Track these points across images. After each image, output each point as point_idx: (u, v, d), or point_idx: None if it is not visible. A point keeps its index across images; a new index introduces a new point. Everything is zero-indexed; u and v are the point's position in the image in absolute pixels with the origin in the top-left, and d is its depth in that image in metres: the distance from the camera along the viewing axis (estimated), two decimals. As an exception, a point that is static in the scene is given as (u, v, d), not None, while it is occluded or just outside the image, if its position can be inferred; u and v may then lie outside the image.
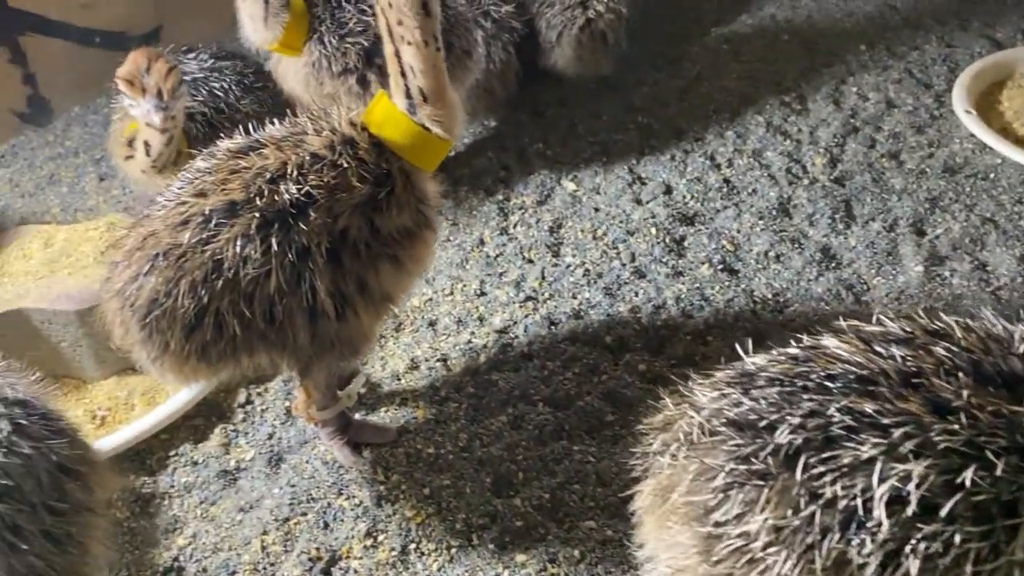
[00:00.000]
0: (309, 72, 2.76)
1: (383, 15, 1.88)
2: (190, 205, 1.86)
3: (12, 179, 3.38)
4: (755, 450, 1.36)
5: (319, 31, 2.73)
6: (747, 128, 3.44)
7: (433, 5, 1.85)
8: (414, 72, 1.90)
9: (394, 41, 1.89)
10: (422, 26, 1.85)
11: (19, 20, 3.43)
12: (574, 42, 3.50)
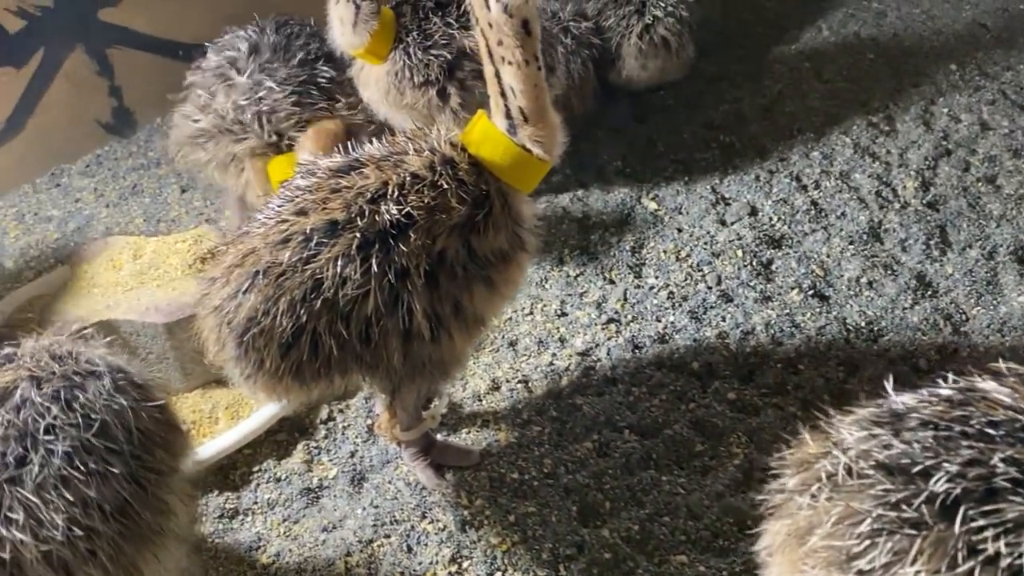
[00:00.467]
0: (391, 81, 2.74)
1: (482, 36, 1.85)
2: (291, 223, 1.85)
3: (97, 189, 3.43)
4: (907, 497, 1.28)
5: (405, 41, 2.72)
6: (833, 149, 3.35)
7: (534, 25, 1.82)
8: (514, 92, 1.86)
9: (494, 62, 1.86)
10: (523, 45, 1.82)
11: (108, 33, 3.49)
12: (634, 50, 3.44)
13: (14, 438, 1.53)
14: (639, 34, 3.42)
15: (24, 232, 3.25)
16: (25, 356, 1.68)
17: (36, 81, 3.35)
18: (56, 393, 1.59)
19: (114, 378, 1.67)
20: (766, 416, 2.43)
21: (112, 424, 1.60)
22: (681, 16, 3.44)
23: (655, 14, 3.40)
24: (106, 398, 1.62)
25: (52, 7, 3.30)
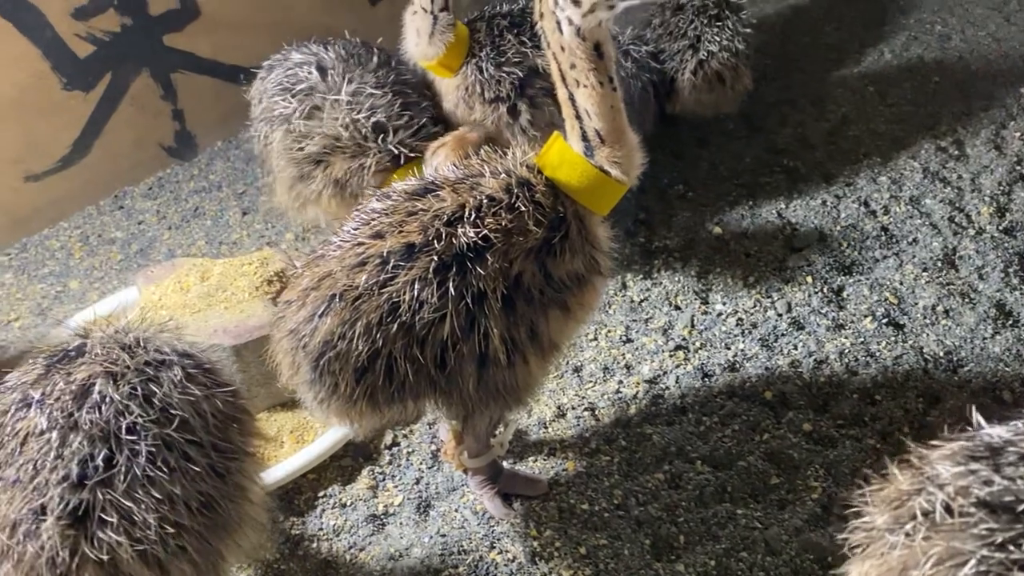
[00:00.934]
0: (460, 95, 2.73)
1: (555, 60, 1.83)
2: (367, 247, 1.83)
3: (159, 211, 3.46)
4: (1015, 537, 1.21)
5: (477, 56, 2.71)
6: (902, 174, 3.27)
7: (606, 47, 1.79)
8: (589, 115, 1.83)
9: (567, 85, 1.83)
10: (596, 68, 1.79)
11: (173, 57, 3.54)
12: (688, 84, 3.39)
13: (99, 439, 1.53)
14: (693, 69, 3.35)
15: (88, 253, 3.28)
16: (96, 348, 1.68)
17: (103, 105, 3.40)
18: (133, 390, 1.60)
19: (183, 366, 1.69)
20: (844, 448, 2.35)
21: (190, 416, 1.62)
22: (736, 49, 3.36)
23: (710, 49, 3.33)
24: (180, 390, 1.64)
25: (120, 32, 3.35)
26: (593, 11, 1.71)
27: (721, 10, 3.36)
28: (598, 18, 1.72)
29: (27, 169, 3.29)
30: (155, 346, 1.72)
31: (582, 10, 1.71)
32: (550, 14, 1.76)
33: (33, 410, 1.58)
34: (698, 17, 3.35)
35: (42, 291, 3.13)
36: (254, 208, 3.43)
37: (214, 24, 3.60)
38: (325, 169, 2.60)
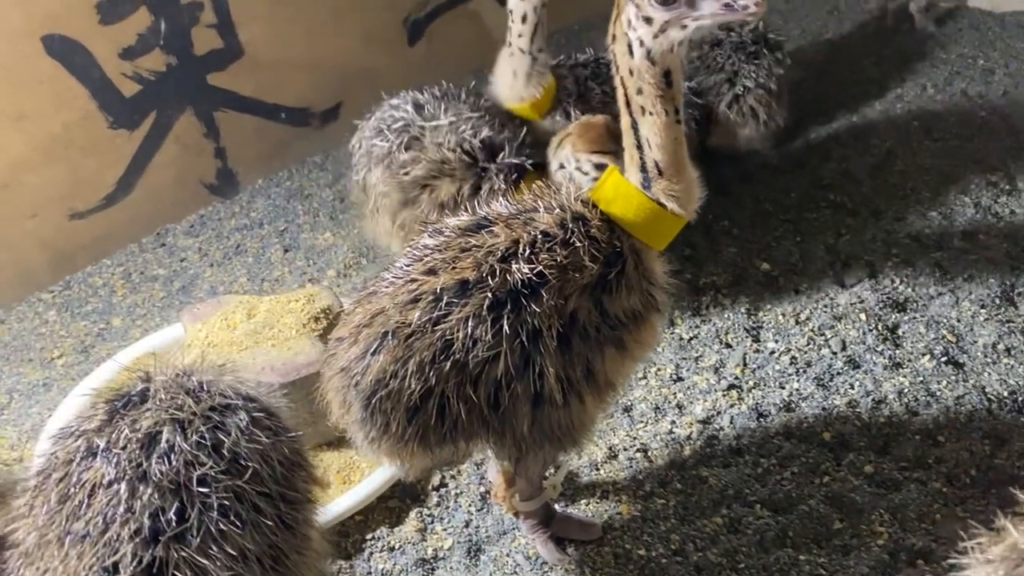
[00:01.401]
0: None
1: (622, 85, 1.80)
2: (420, 283, 1.79)
3: (201, 248, 3.46)
4: None
5: (564, 103, 2.73)
6: (952, 209, 3.21)
7: (676, 76, 1.76)
8: (651, 145, 1.80)
9: (632, 112, 1.81)
10: (663, 95, 1.76)
11: (216, 96, 3.57)
12: (723, 118, 3.40)
13: (169, 491, 1.47)
14: (728, 103, 3.37)
15: (131, 291, 3.28)
16: (160, 393, 1.63)
17: (147, 143, 3.43)
18: (201, 438, 1.54)
19: (248, 410, 1.64)
20: (908, 492, 2.26)
21: (259, 466, 1.57)
22: (771, 88, 3.37)
23: (745, 84, 3.35)
24: (248, 437, 1.59)
25: (165, 71, 3.38)
26: (664, 31, 1.68)
27: (759, 47, 3.38)
28: (670, 39, 1.69)
29: (72, 207, 3.31)
30: (219, 390, 1.67)
31: (653, 29, 1.68)
32: (622, 36, 1.74)
33: (99, 459, 1.52)
34: (736, 53, 3.37)
35: (85, 328, 3.13)
36: (295, 245, 3.43)
37: (256, 64, 3.63)
38: (431, 193, 2.56)
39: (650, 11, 1.67)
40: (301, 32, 3.73)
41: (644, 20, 1.69)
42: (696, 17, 1.66)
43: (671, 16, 1.66)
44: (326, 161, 3.95)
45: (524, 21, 2.58)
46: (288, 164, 3.90)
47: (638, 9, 1.69)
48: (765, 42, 3.42)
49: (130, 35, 3.23)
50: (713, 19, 1.66)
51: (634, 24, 1.70)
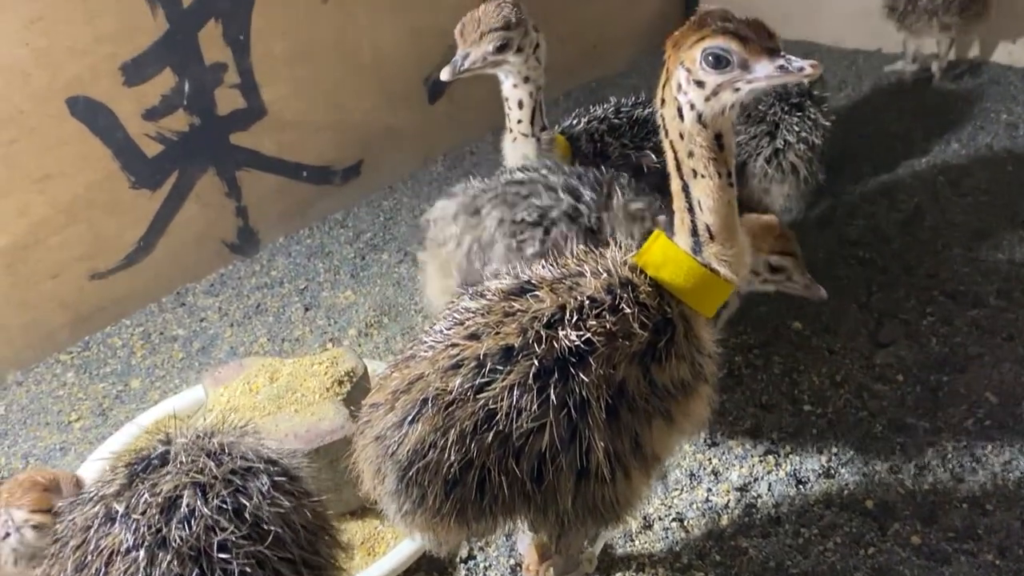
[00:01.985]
0: None
1: (671, 148, 1.76)
2: (462, 348, 1.72)
3: (221, 308, 3.42)
4: None
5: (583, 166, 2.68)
6: (987, 265, 3.15)
7: (728, 139, 1.72)
8: (702, 207, 1.75)
9: (683, 175, 1.76)
10: (716, 158, 1.71)
11: (238, 155, 3.56)
12: (760, 172, 3.25)
13: (189, 558, 1.43)
14: (767, 157, 3.23)
15: (150, 352, 3.23)
16: (180, 456, 1.60)
17: (169, 203, 3.41)
18: (223, 503, 1.51)
19: (270, 473, 1.61)
20: (959, 564, 2.16)
21: (281, 530, 1.54)
22: (814, 143, 3.22)
23: (787, 138, 3.19)
24: (270, 501, 1.56)
25: (188, 131, 3.38)
26: (717, 94, 1.64)
27: (803, 99, 3.24)
28: (722, 103, 1.65)
29: (93, 267, 3.28)
30: (240, 452, 1.63)
31: (705, 92, 1.65)
32: (672, 100, 1.70)
33: (118, 525, 1.48)
34: (779, 103, 3.22)
35: (103, 390, 3.07)
36: (316, 304, 3.38)
37: (279, 123, 3.64)
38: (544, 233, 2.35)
39: (702, 75, 1.64)
40: (323, 92, 3.74)
41: (696, 83, 1.65)
42: (750, 80, 1.62)
43: (724, 80, 1.63)
44: (347, 218, 3.93)
45: (521, 107, 2.55)
46: (309, 222, 3.89)
47: (689, 73, 1.65)
48: (810, 96, 3.28)
49: (154, 96, 3.24)
50: (768, 81, 1.62)
51: (685, 88, 1.67)
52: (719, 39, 1.61)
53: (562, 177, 2.36)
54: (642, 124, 2.76)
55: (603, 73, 4.94)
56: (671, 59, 1.70)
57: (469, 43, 2.42)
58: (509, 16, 2.41)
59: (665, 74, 1.72)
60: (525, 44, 2.46)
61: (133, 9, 3.10)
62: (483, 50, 2.42)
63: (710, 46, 1.62)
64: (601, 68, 4.95)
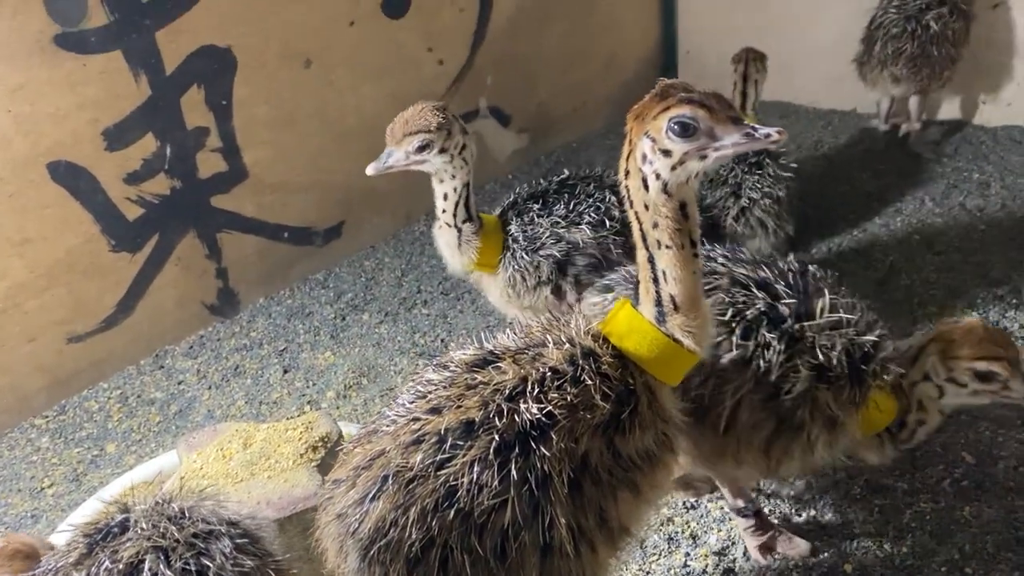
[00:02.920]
0: (507, 287, 2.76)
1: (636, 219, 1.77)
2: (423, 423, 1.72)
3: (200, 370, 3.41)
4: None
5: (512, 248, 2.74)
6: (961, 324, 3.16)
7: (691, 208, 1.72)
8: (667, 278, 1.76)
9: (648, 246, 1.77)
10: (680, 228, 1.72)
11: (219, 217, 3.59)
12: (731, 232, 3.42)
13: None
14: (735, 216, 3.41)
15: (127, 415, 3.22)
16: (141, 522, 1.60)
17: (149, 265, 3.43)
18: (186, 565, 1.51)
19: (232, 535, 1.62)
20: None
21: None
22: (778, 196, 3.40)
23: (751, 196, 3.39)
24: (232, 562, 1.56)
25: (169, 195, 3.41)
26: (683, 162, 1.65)
27: (761, 157, 3.42)
28: (688, 171, 1.66)
29: (71, 330, 3.28)
30: (201, 516, 1.64)
31: (672, 161, 1.65)
32: (636, 171, 1.71)
33: None
34: (738, 165, 3.40)
35: (78, 455, 3.05)
36: (295, 366, 3.38)
37: (261, 185, 3.68)
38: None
39: (668, 144, 1.65)
40: (306, 154, 3.79)
41: (662, 153, 1.66)
42: (717, 147, 1.64)
43: (691, 147, 1.64)
44: (328, 279, 3.95)
45: (446, 199, 2.66)
46: (290, 283, 3.90)
47: (655, 143, 1.66)
48: (767, 153, 3.45)
49: (136, 160, 3.28)
50: (735, 148, 1.64)
51: (650, 158, 1.68)
52: (685, 108, 1.63)
53: (751, 269, 2.19)
54: (584, 197, 2.79)
55: (583, 133, 5.03)
56: (634, 131, 1.71)
57: (394, 142, 2.53)
58: (431, 120, 2.50)
59: (628, 146, 1.73)
60: (449, 146, 2.55)
61: (116, 76, 3.15)
62: (404, 150, 2.52)
63: (676, 115, 1.63)
64: (582, 129, 5.04)
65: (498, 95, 4.60)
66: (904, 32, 4.08)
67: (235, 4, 3.40)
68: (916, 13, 4.08)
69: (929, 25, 4.05)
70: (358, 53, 3.88)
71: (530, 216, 2.79)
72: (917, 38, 4.07)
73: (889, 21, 4.12)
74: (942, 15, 4.05)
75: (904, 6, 4.10)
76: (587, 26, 4.96)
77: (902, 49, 4.10)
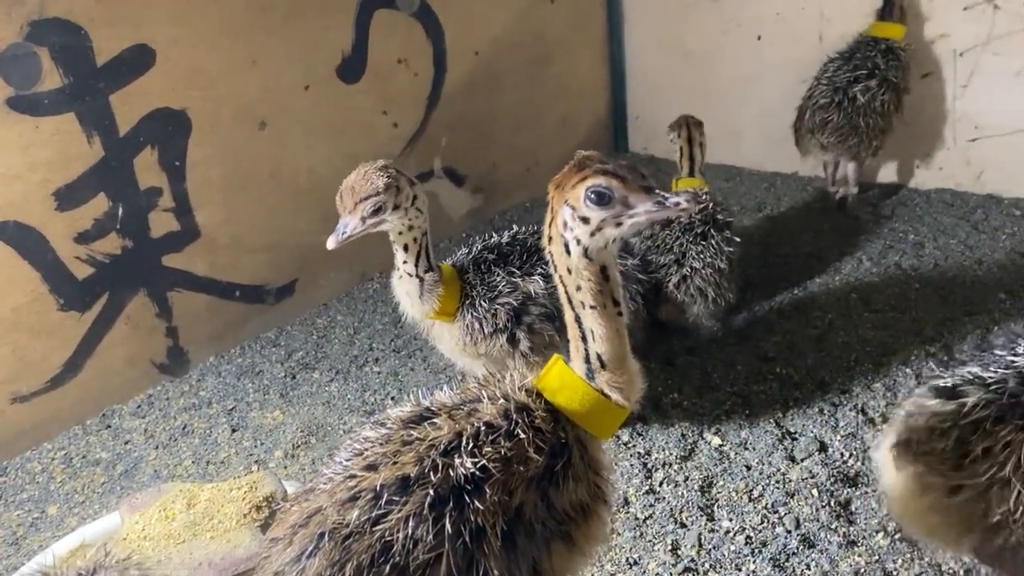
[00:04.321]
0: (464, 335, 2.81)
1: (561, 282, 1.85)
2: (359, 479, 1.75)
3: (147, 430, 3.39)
4: None
5: (471, 296, 2.80)
6: (896, 380, 3.27)
7: (612, 271, 1.81)
8: (594, 337, 1.83)
9: (574, 307, 1.85)
10: (602, 290, 1.80)
11: (170, 276, 3.61)
12: (672, 297, 3.54)
13: None
14: (676, 283, 3.53)
15: (71, 476, 3.18)
16: None
17: (98, 324, 3.42)
18: None
19: None
20: None
21: None
22: (719, 267, 3.53)
23: (693, 265, 3.51)
24: None
25: (120, 254, 3.43)
26: (601, 229, 1.74)
27: (707, 228, 3.54)
28: (606, 236, 1.75)
29: (15, 390, 3.25)
30: None
31: (590, 227, 1.74)
32: (558, 237, 1.80)
33: None
34: (684, 235, 3.52)
35: (18, 518, 3.00)
36: (244, 424, 3.37)
37: (213, 244, 3.71)
38: None
39: (586, 211, 1.74)
40: (260, 214, 3.84)
41: (581, 220, 1.75)
42: (631, 215, 1.73)
43: (607, 215, 1.73)
44: (280, 337, 3.96)
45: (407, 250, 2.70)
46: (241, 341, 3.91)
47: (574, 211, 1.75)
48: (714, 222, 3.58)
49: (87, 220, 3.30)
50: (648, 216, 1.73)
51: (570, 224, 1.76)
52: (600, 178, 1.73)
53: None
54: (536, 251, 2.89)
55: (535, 193, 5.15)
56: (555, 199, 1.80)
57: (347, 212, 2.54)
58: (377, 183, 2.52)
59: (550, 213, 1.82)
60: (401, 201, 2.58)
61: (69, 138, 3.19)
62: (359, 217, 2.53)
63: (592, 185, 1.73)
64: (534, 189, 5.16)
65: (452, 156, 4.72)
66: (831, 103, 4.30)
67: (190, 68, 3.47)
68: (845, 85, 4.29)
69: (856, 97, 4.27)
70: (313, 116, 3.96)
71: (487, 266, 2.87)
72: (843, 109, 4.28)
73: (819, 92, 4.34)
74: (870, 87, 4.27)
75: (835, 78, 4.32)
76: (539, 91, 5.12)
77: (828, 119, 4.31)
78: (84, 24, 3.16)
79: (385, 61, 4.22)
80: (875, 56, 4.31)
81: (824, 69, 4.40)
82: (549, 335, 2.81)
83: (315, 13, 3.87)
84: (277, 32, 3.74)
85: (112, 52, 3.25)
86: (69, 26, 3.13)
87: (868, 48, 4.34)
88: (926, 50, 4.60)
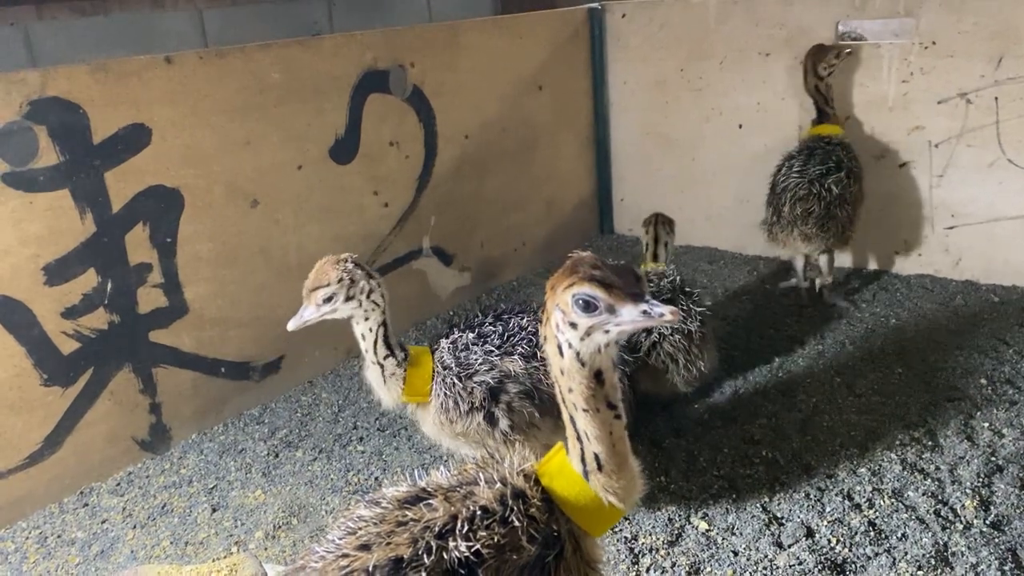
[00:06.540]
0: (440, 414, 2.82)
1: (557, 383, 1.85)
2: (352, 559, 1.73)
3: (125, 508, 3.32)
4: None
5: (442, 374, 2.83)
6: (880, 465, 3.28)
7: (608, 375, 1.79)
8: (589, 438, 1.82)
9: (567, 407, 1.85)
10: (595, 394, 1.78)
11: (156, 352, 3.59)
12: (643, 364, 3.56)
13: None
14: (646, 351, 3.57)
15: (45, 556, 3.09)
16: None
17: (81, 400, 3.39)
18: None
19: None
20: None
21: None
22: (688, 331, 3.56)
23: (661, 331, 3.55)
24: None
25: (107, 329, 3.42)
26: (590, 335, 1.74)
27: (674, 294, 3.62)
28: (595, 343, 1.74)
29: (-8, 467, 3.20)
30: None
31: (579, 333, 1.74)
32: (552, 338, 1.80)
33: None
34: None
35: (-13, 601, 2.91)
36: (224, 504, 3.31)
37: (200, 321, 3.71)
38: None
39: (575, 317, 1.74)
40: (248, 291, 3.85)
41: (570, 324, 1.75)
42: (618, 323, 1.73)
43: (594, 322, 1.73)
44: (264, 414, 3.93)
45: (364, 339, 2.84)
46: (224, 418, 3.87)
47: (564, 315, 1.76)
48: (681, 291, 3.69)
49: (75, 295, 3.30)
50: (633, 325, 1.73)
51: (562, 328, 1.77)
52: (586, 286, 1.72)
53: None
54: (518, 331, 2.91)
55: (522, 273, 5.21)
56: (549, 300, 1.81)
57: (305, 299, 2.75)
58: (331, 275, 2.72)
59: (545, 313, 1.83)
60: (355, 292, 2.74)
61: (62, 214, 3.21)
62: (315, 304, 2.74)
63: (578, 292, 1.73)
64: (521, 268, 5.22)
65: (441, 236, 4.78)
66: (810, 194, 4.41)
67: (186, 148, 3.53)
68: (818, 177, 4.42)
69: (831, 188, 4.39)
70: (304, 195, 4.02)
71: (464, 344, 2.90)
72: (822, 199, 4.40)
73: (794, 184, 4.44)
74: (840, 179, 4.41)
75: (805, 171, 4.44)
76: (526, 174, 5.23)
77: (810, 210, 4.42)
78: (83, 103, 3.22)
79: (377, 143, 4.31)
80: (835, 150, 4.46)
81: (788, 165, 4.51)
82: (529, 412, 2.81)
83: (310, 96, 3.97)
84: (272, 113, 3.82)
85: (109, 131, 3.30)
86: (68, 105, 3.19)
87: (824, 144, 4.50)
88: (903, 141, 4.76)
